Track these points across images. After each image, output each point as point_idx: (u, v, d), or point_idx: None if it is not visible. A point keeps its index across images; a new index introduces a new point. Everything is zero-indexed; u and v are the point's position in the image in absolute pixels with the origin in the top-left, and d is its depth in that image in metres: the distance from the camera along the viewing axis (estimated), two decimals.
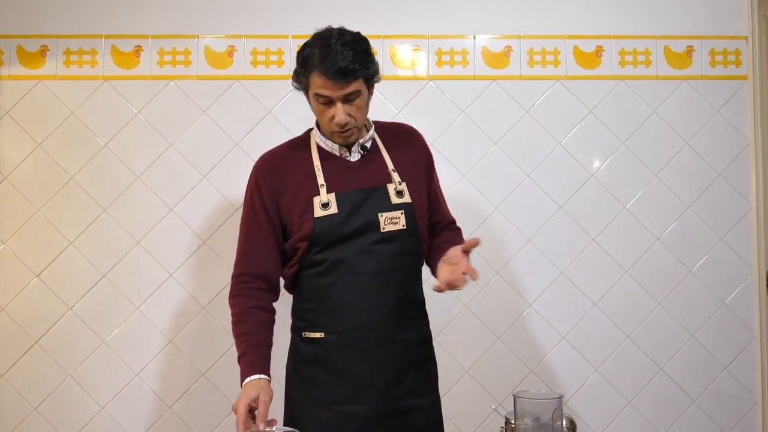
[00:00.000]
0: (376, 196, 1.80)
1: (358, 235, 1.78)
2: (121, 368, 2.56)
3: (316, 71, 1.71)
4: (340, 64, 1.67)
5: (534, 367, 2.62)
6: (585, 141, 2.65)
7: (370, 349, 1.76)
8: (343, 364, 1.77)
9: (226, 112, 2.61)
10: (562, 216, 2.64)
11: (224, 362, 2.56)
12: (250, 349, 1.76)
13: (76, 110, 2.61)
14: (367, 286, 1.77)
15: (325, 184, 1.80)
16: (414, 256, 1.85)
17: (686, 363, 2.62)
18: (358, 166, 1.83)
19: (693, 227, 2.65)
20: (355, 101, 1.75)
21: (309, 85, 1.75)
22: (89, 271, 2.57)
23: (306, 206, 1.79)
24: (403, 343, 1.80)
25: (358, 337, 1.77)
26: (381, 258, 1.78)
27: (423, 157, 1.93)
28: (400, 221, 1.79)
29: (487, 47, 2.68)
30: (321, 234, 1.78)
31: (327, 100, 1.74)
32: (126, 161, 2.60)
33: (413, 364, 1.81)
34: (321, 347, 1.79)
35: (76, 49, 2.61)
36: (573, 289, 2.63)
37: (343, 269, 1.77)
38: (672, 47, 2.69)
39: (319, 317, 1.80)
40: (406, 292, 1.83)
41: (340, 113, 1.73)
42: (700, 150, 2.67)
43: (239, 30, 2.64)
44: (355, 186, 1.80)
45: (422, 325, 1.90)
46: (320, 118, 1.81)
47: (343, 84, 1.70)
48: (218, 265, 2.56)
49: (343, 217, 1.77)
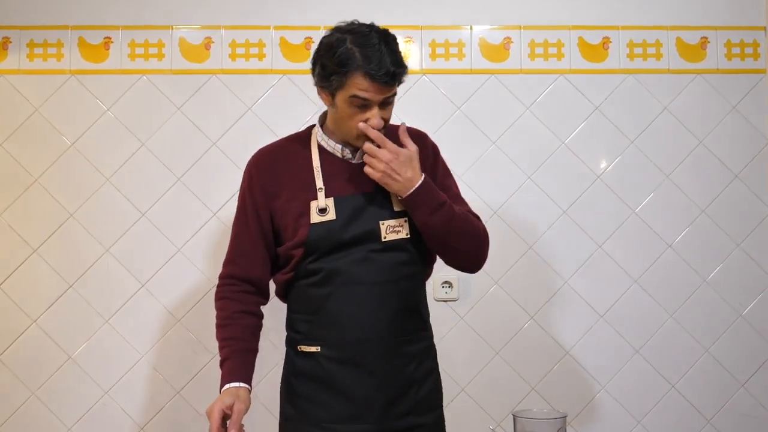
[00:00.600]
0: (378, 202, 1.74)
1: (357, 243, 1.72)
2: (89, 386, 2.46)
3: (360, 73, 1.63)
4: (389, 67, 1.63)
5: (536, 385, 2.51)
6: (590, 140, 2.56)
7: (368, 365, 1.71)
8: (340, 380, 1.72)
9: (203, 109, 2.52)
10: (565, 221, 2.55)
11: (201, 380, 2.46)
12: (231, 355, 1.73)
13: (40, 107, 2.51)
14: (366, 297, 1.71)
15: (324, 187, 1.74)
16: (417, 265, 1.80)
17: (700, 380, 2.53)
18: (360, 168, 1.75)
19: (707, 233, 2.56)
20: (390, 104, 1.72)
21: (344, 86, 1.66)
22: (55, 281, 2.47)
23: (302, 211, 1.74)
24: (405, 358, 1.75)
25: (356, 351, 1.71)
26: (381, 268, 1.73)
27: (432, 162, 1.85)
28: (404, 229, 1.74)
29: (484, 39, 2.58)
30: (317, 241, 1.72)
31: (364, 103, 1.66)
32: (94, 162, 2.50)
33: (415, 381, 1.76)
34: (317, 362, 1.73)
35: (40, 41, 2.52)
36: (578, 300, 2.53)
37: (341, 279, 1.72)
38: (685, 39, 2.59)
39: (314, 330, 1.74)
40: (407, 304, 1.77)
41: (377, 117, 1.67)
42: (715, 149, 2.57)
43: (217, 20, 2.54)
44: (355, 190, 1.75)
45: (425, 338, 1.83)
46: (347, 122, 1.71)
47: (388, 87, 1.66)
48: (194, 274, 2.48)
49: (341, 223, 1.72)
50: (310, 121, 2.48)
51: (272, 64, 2.52)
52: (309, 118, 2.50)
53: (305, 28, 2.53)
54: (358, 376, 1.71)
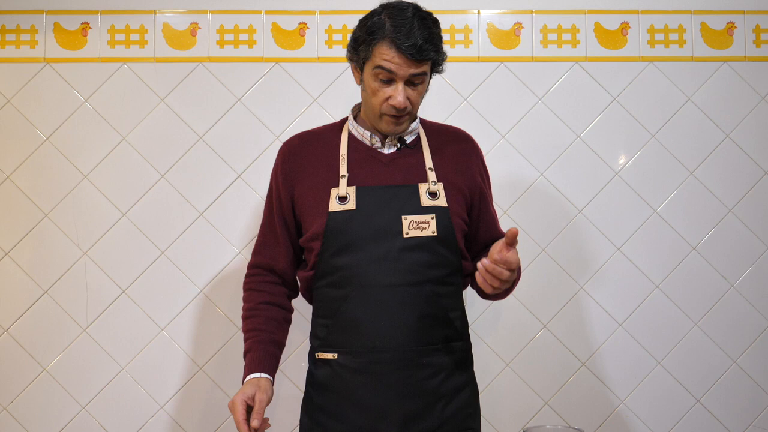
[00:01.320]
0: (404, 196, 1.69)
1: (377, 238, 1.66)
2: (65, 401, 2.33)
3: (387, 41, 1.61)
4: (416, 40, 1.59)
5: (549, 399, 2.38)
6: (608, 133, 2.43)
7: (386, 375, 1.64)
8: (356, 390, 1.66)
9: (189, 101, 2.39)
10: (581, 221, 2.41)
11: (186, 394, 2.32)
12: (254, 346, 1.71)
13: (12, 98, 2.38)
14: (385, 301, 1.65)
15: (347, 175, 1.70)
16: (446, 267, 1.70)
17: (727, 394, 2.40)
18: (389, 159, 1.73)
19: (735, 234, 2.43)
20: (418, 86, 1.67)
21: (371, 56, 1.64)
22: (28, 287, 2.35)
23: (321, 197, 1.70)
24: (429, 369, 1.67)
25: (373, 360, 1.64)
26: (403, 269, 1.65)
27: (475, 167, 1.81)
28: (429, 226, 1.67)
29: (493, 24, 2.44)
30: (335, 232, 1.66)
31: (389, 77, 1.64)
32: (71, 158, 2.37)
33: (443, 395, 1.68)
34: (333, 370, 1.68)
35: (12, 26, 2.39)
36: (595, 308, 2.40)
37: (358, 280, 1.66)
38: (710, 23, 2.46)
39: (332, 335, 1.69)
40: (432, 309, 1.68)
41: (401, 94, 1.64)
42: (743, 144, 2.44)
43: (203, 4, 2.41)
44: (381, 181, 1.70)
45: (458, 350, 1.73)
46: (372, 98, 1.68)
47: (414, 62, 1.62)
48: (179, 279, 2.35)
49: (362, 215, 1.66)
50: (305, 114, 2.38)
51: (264, 52, 2.38)
52: (303, 111, 2.37)
53: (299, 12, 2.39)
54: (375, 387, 1.64)
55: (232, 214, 2.33)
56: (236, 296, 2.20)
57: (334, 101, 2.36)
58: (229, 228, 2.33)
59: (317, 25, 2.39)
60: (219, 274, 2.33)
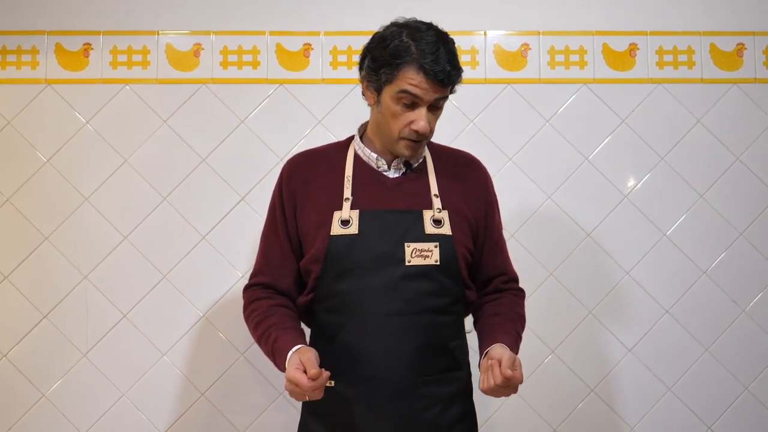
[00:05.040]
0: (408, 222, 1.66)
1: (378, 265, 1.63)
2: (65, 427, 2.30)
3: (414, 66, 1.58)
4: (444, 65, 1.58)
5: (558, 425, 2.35)
6: (617, 156, 2.42)
7: (382, 405, 1.61)
8: (351, 421, 1.63)
9: (192, 122, 2.38)
10: (589, 245, 2.39)
11: (187, 419, 2.30)
12: (281, 334, 1.62)
13: (13, 119, 2.37)
14: (383, 329, 1.62)
15: (351, 198, 1.68)
16: (447, 296, 1.68)
17: (739, 421, 2.38)
18: (394, 184, 1.71)
19: (746, 258, 2.41)
20: (438, 110, 1.66)
21: (395, 80, 1.60)
22: (27, 311, 2.32)
23: (324, 220, 1.67)
24: (427, 401, 1.64)
25: (370, 390, 1.62)
26: (403, 297, 1.63)
27: (481, 193, 1.79)
28: (432, 255, 1.64)
29: (500, 45, 2.43)
30: (336, 256, 1.64)
31: (413, 101, 1.61)
32: (72, 180, 2.36)
33: (441, 427, 1.65)
34: (331, 399, 1.60)
35: (13, 47, 2.38)
36: (603, 333, 2.37)
37: (357, 307, 1.64)
38: (719, 45, 2.45)
39: (329, 363, 1.61)
40: (432, 339, 1.66)
41: (423, 119, 1.61)
42: (754, 166, 2.44)
43: (207, 25, 2.40)
44: (385, 205, 1.68)
45: (457, 380, 1.71)
46: (391, 121, 1.65)
47: (440, 87, 1.60)
48: (181, 303, 2.32)
49: (364, 240, 1.64)
50: (309, 136, 2.35)
51: (267, 73, 2.37)
52: (308, 132, 2.35)
53: (304, 33, 2.37)
54: (371, 418, 1.61)
55: (235, 238, 2.31)
56: (238, 320, 2.17)
57: (338, 123, 2.34)
58: (232, 252, 2.31)
59: (322, 47, 2.37)
60: (221, 298, 2.30)
